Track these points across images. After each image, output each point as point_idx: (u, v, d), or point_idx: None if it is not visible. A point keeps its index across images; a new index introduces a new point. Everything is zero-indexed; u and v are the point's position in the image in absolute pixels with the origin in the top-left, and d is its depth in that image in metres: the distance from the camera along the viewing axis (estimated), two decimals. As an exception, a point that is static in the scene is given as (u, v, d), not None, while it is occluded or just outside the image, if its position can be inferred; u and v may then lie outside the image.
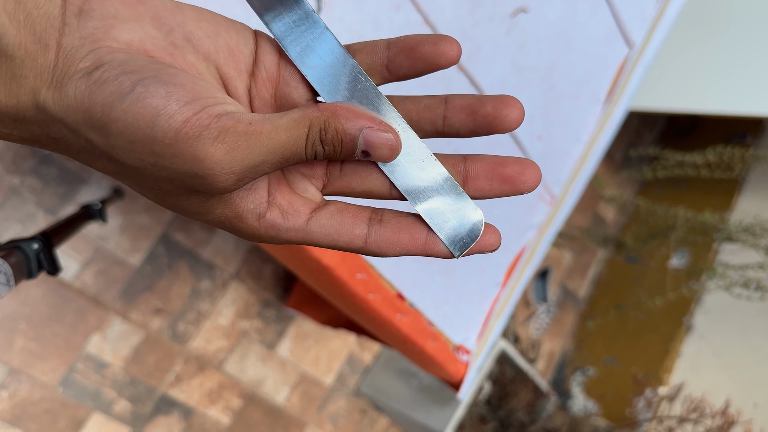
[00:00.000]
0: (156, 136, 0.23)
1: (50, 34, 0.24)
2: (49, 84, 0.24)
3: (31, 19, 0.23)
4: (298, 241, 0.30)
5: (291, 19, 0.28)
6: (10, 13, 0.23)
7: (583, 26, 0.89)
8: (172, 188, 0.26)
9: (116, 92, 0.23)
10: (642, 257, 2.33)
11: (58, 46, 0.24)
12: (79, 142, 0.25)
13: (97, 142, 0.24)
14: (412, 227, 0.30)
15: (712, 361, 1.98)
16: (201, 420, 1.68)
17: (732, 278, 1.71)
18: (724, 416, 1.50)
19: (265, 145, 0.25)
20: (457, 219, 0.30)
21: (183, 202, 0.28)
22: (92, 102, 0.23)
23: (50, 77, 0.24)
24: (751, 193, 2.18)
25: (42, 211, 1.44)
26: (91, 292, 1.51)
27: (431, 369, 0.84)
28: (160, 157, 0.24)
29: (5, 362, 1.43)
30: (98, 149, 0.25)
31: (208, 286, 1.67)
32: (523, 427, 1.67)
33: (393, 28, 0.65)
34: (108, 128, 0.24)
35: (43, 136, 0.26)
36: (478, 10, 0.73)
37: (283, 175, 0.31)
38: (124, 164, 0.25)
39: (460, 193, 0.30)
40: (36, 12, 0.23)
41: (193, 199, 0.27)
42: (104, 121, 0.23)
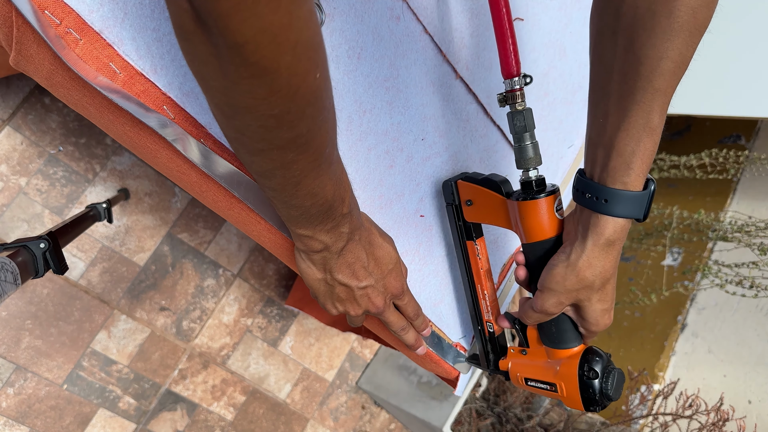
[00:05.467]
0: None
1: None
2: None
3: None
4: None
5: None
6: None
7: (577, 34, 0.91)
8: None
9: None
10: (637, 256, 2.35)
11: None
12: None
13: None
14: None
15: (706, 359, 2.00)
16: (205, 415, 1.71)
17: (726, 276, 1.74)
18: (718, 413, 1.52)
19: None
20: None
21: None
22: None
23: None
24: (744, 194, 2.20)
25: (48, 211, 1.46)
26: (96, 291, 1.53)
27: (428, 366, 0.86)
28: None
29: (12, 360, 1.45)
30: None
31: (212, 285, 1.70)
32: (520, 423, 1.69)
33: (393, 39, 0.68)
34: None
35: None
36: (475, 19, 0.76)
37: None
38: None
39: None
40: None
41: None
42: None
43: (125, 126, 0.54)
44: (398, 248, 0.76)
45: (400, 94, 0.70)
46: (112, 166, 1.52)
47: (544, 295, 0.63)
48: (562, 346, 0.66)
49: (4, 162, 1.41)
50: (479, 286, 0.77)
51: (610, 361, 0.64)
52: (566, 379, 0.64)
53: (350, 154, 0.68)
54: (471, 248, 0.75)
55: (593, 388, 0.61)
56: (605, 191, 0.55)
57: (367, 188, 0.71)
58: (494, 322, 0.77)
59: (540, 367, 0.69)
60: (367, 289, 0.62)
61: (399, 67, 0.69)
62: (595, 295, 0.61)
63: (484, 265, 0.76)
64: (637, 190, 0.54)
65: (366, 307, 0.64)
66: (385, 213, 0.74)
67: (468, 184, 0.71)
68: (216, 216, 1.67)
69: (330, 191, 0.49)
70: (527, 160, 0.65)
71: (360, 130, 0.68)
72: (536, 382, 0.69)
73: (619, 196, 0.54)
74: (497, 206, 0.68)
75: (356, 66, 0.65)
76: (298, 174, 0.44)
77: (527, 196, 0.62)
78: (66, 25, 0.47)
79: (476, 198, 0.70)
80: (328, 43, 0.62)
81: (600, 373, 0.61)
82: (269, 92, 0.35)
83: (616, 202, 0.54)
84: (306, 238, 0.55)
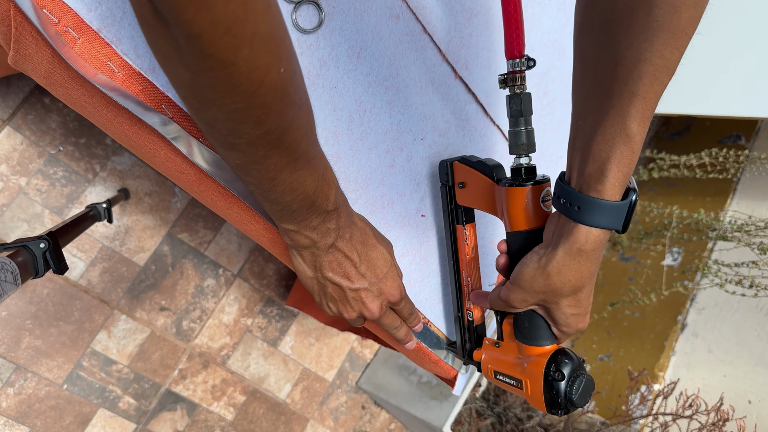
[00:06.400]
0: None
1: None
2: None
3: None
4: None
5: None
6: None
7: (577, 33, 0.91)
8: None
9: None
10: (637, 256, 2.35)
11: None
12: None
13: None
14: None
15: (706, 359, 2.00)
16: (205, 416, 1.71)
17: (726, 276, 1.74)
18: (718, 413, 1.52)
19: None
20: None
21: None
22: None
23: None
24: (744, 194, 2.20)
25: (48, 211, 1.46)
26: (96, 291, 1.54)
27: (427, 365, 0.86)
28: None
29: (12, 360, 1.45)
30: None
31: (212, 285, 1.70)
32: (520, 423, 1.69)
33: (393, 38, 0.68)
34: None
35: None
36: (474, 19, 0.76)
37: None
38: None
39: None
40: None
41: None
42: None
43: (124, 125, 0.54)
44: (400, 248, 0.76)
45: (400, 94, 0.70)
46: (112, 166, 1.52)
47: (512, 289, 0.62)
48: (534, 342, 0.65)
49: (4, 162, 1.41)
50: (464, 272, 0.76)
51: (582, 366, 0.62)
52: (532, 377, 0.63)
53: (351, 153, 0.68)
54: (460, 233, 0.74)
55: (557, 390, 0.60)
56: (579, 198, 0.53)
57: (369, 188, 0.71)
58: (473, 304, 0.77)
59: (510, 362, 0.68)
60: (360, 292, 0.61)
61: (398, 66, 0.69)
62: (564, 300, 0.60)
63: (470, 253, 0.75)
64: (613, 200, 0.51)
65: (360, 311, 0.63)
66: (387, 213, 0.74)
67: (462, 166, 0.70)
68: (216, 216, 1.67)
69: (311, 187, 0.48)
70: (519, 146, 0.63)
71: (360, 129, 0.68)
72: (504, 376, 0.68)
73: (592, 205, 0.52)
74: (487, 191, 0.67)
75: (356, 65, 0.65)
76: (272, 169, 0.44)
77: (515, 182, 0.61)
78: (64, 23, 0.47)
79: (469, 181, 0.70)
80: (327, 42, 0.62)
81: (567, 375, 0.60)
82: (230, 86, 0.35)
83: (590, 210, 0.52)
84: (291, 233, 0.55)
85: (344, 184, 0.69)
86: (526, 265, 0.59)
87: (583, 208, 0.52)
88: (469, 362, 0.78)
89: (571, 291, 0.58)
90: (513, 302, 0.62)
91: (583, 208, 0.52)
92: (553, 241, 0.57)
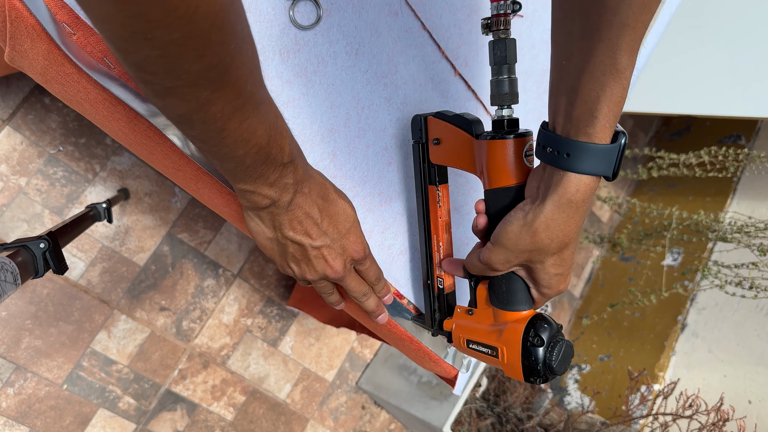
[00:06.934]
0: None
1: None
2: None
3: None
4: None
5: None
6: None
7: (576, 32, 0.91)
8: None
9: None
10: (637, 256, 2.35)
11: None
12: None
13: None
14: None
15: (707, 359, 2.00)
16: (205, 416, 1.71)
17: (726, 277, 1.74)
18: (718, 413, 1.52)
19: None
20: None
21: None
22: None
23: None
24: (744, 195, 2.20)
25: (48, 211, 1.46)
26: (96, 291, 1.54)
27: (427, 365, 0.86)
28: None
29: (12, 360, 1.45)
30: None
31: (212, 285, 1.70)
32: (520, 423, 1.69)
33: (392, 35, 0.68)
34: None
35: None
36: (474, 15, 0.76)
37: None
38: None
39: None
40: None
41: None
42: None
43: (121, 121, 0.55)
44: (399, 246, 0.76)
45: (399, 91, 0.70)
46: (112, 166, 1.52)
47: (494, 250, 0.58)
48: (511, 307, 0.61)
49: (4, 162, 1.41)
50: (435, 236, 0.72)
51: (560, 332, 0.59)
52: (509, 343, 0.60)
53: (348, 150, 0.68)
54: (432, 194, 0.70)
55: (536, 357, 0.57)
56: (568, 144, 0.49)
57: (367, 185, 0.71)
58: (443, 272, 0.73)
59: (484, 330, 0.64)
60: (322, 250, 0.58)
61: (397, 63, 0.69)
62: (549, 258, 0.56)
63: (443, 216, 0.70)
64: (604, 143, 0.49)
65: (323, 271, 0.59)
66: (385, 210, 0.74)
67: (438, 121, 0.65)
68: (216, 216, 1.67)
69: (263, 137, 0.45)
70: (502, 96, 0.60)
71: (358, 126, 0.68)
72: (478, 345, 0.64)
73: (583, 150, 0.49)
74: (465, 147, 0.63)
75: (354, 62, 0.65)
76: (219, 117, 0.40)
77: (496, 135, 0.58)
78: (60, 18, 0.47)
79: (445, 136, 0.65)
80: (325, 38, 0.62)
81: (546, 341, 0.57)
82: (163, 12, 0.32)
83: (580, 156, 0.49)
84: (249, 194, 0.51)
85: (341, 182, 0.68)
86: (510, 223, 0.56)
87: (572, 155, 0.49)
88: (438, 332, 0.74)
89: (557, 248, 0.55)
90: (495, 264, 0.59)
91: (573, 155, 0.49)
92: (540, 195, 0.54)
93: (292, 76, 0.61)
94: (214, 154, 0.45)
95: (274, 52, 0.59)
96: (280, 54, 0.59)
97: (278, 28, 0.59)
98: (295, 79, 0.61)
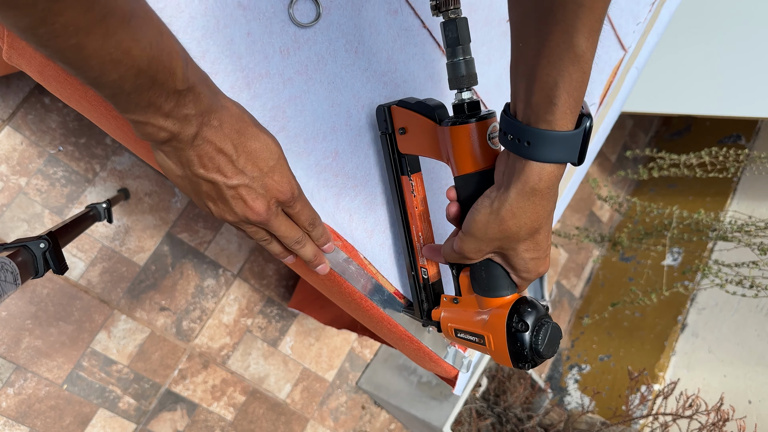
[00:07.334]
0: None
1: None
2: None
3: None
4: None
5: None
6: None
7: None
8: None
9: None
10: (637, 256, 2.35)
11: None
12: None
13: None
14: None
15: (707, 359, 2.00)
16: (205, 416, 1.70)
17: (726, 276, 1.74)
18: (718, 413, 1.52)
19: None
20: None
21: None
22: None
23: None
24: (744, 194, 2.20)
25: (48, 211, 1.46)
26: (96, 291, 1.53)
27: (428, 365, 0.86)
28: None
29: (12, 360, 1.45)
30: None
31: (212, 285, 1.70)
32: (520, 423, 1.69)
33: (391, 33, 0.68)
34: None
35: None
36: (473, 14, 0.76)
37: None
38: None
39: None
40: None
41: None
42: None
43: (119, 119, 0.55)
44: (396, 243, 0.76)
45: (398, 89, 0.70)
46: (112, 166, 1.52)
47: (464, 239, 0.57)
48: (493, 293, 0.60)
49: (4, 162, 1.41)
50: (413, 227, 0.70)
51: (547, 314, 0.57)
52: (494, 330, 0.58)
53: (350, 149, 0.68)
54: (405, 184, 0.68)
55: (522, 342, 0.55)
56: (528, 132, 0.47)
57: (369, 184, 0.71)
58: (426, 259, 0.71)
59: (470, 318, 0.63)
60: (239, 190, 0.52)
61: (397, 61, 0.69)
62: (521, 245, 0.55)
63: (419, 205, 0.68)
64: (565, 130, 0.46)
65: (243, 213, 0.54)
66: (390, 209, 0.74)
67: (401, 110, 0.63)
68: (216, 216, 1.67)
69: (141, 58, 0.38)
70: (459, 79, 0.57)
71: (359, 125, 0.68)
72: (465, 333, 0.63)
73: (543, 138, 0.46)
74: (430, 134, 0.60)
75: (354, 60, 0.65)
76: (72, 32, 0.34)
77: (458, 120, 0.56)
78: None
79: (410, 125, 0.63)
80: (324, 36, 0.62)
81: (531, 325, 0.55)
82: None
83: (541, 144, 0.47)
84: (141, 125, 0.44)
85: (343, 180, 0.68)
86: (478, 212, 0.55)
87: (533, 143, 0.47)
88: (428, 323, 0.73)
89: (528, 234, 0.54)
90: (467, 253, 0.58)
91: (534, 143, 0.47)
92: (505, 182, 0.52)
93: (293, 73, 0.61)
94: (85, 79, 0.38)
95: (274, 49, 0.59)
96: (280, 51, 0.59)
97: (278, 26, 0.59)
98: (296, 77, 0.61)
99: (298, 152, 0.64)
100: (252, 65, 0.58)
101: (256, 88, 0.59)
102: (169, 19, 0.52)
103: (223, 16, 0.55)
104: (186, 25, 0.53)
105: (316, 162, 0.65)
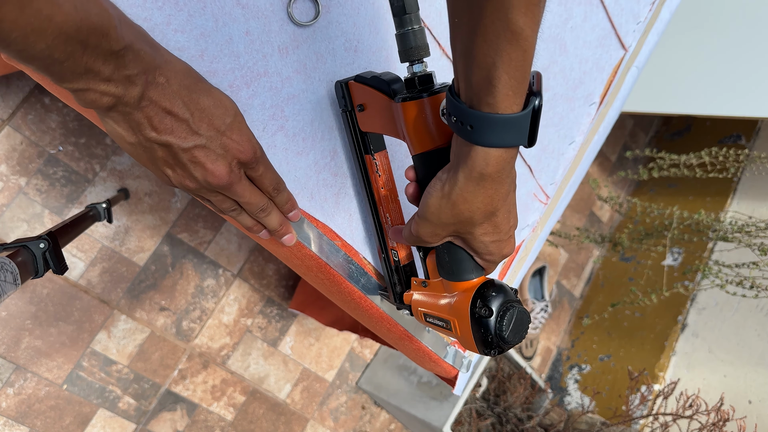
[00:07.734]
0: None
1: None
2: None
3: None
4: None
5: None
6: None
7: (578, 29, 0.91)
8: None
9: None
10: (637, 256, 2.35)
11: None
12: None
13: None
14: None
15: (707, 359, 2.00)
16: (205, 416, 1.70)
17: (726, 277, 1.73)
18: (718, 413, 1.51)
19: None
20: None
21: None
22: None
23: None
24: (744, 194, 2.20)
25: (48, 211, 1.46)
26: (96, 291, 1.53)
27: (428, 365, 0.86)
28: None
29: (12, 360, 1.45)
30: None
31: (212, 285, 1.70)
32: (520, 423, 1.69)
33: (390, 32, 0.68)
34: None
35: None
36: None
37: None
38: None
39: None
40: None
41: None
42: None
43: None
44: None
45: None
46: (111, 166, 1.52)
47: (420, 223, 0.54)
48: (458, 277, 0.57)
49: (4, 162, 1.41)
50: (381, 208, 0.67)
51: (514, 298, 0.54)
52: (459, 315, 0.55)
53: (349, 149, 0.68)
54: (369, 164, 0.64)
55: (486, 328, 0.52)
56: (470, 115, 0.43)
57: (366, 183, 0.71)
58: (396, 243, 0.68)
59: (437, 302, 0.60)
60: (195, 152, 0.48)
61: (397, 60, 0.69)
62: (477, 228, 0.52)
63: (384, 185, 0.65)
64: (509, 113, 0.43)
65: (204, 178, 0.49)
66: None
67: (359, 86, 0.60)
68: (216, 216, 1.67)
69: (65, 23, 0.35)
70: (409, 51, 0.54)
71: (357, 124, 0.68)
72: (433, 318, 0.60)
73: (486, 122, 0.43)
74: (386, 110, 0.56)
75: (353, 59, 0.65)
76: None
77: (409, 95, 0.52)
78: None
79: (367, 101, 0.60)
80: (324, 35, 0.62)
81: (496, 310, 0.52)
82: None
83: (484, 129, 0.43)
84: (82, 93, 0.41)
85: (342, 180, 0.68)
86: (430, 195, 0.52)
87: (476, 127, 0.44)
88: (401, 307, 0.71)
89: (483, 217, 0.51)
90: (424, 237, 0.55)
91: (477, 127, 0.44)
92: (454, 165, 0.49)
93: (291, 72, 0.61)
94: (13, 54, 0.36)
95: (272, 48, 0.59)
96: (278, 50, 0.59)
97: (276, 25, 0.59)
98: (295, 76, 0.61)
99: (297, 151, 0.63)
100: (250, 64, 0.58)
101: (254, 87, 0.59)
102: (168, 18, 0.52)
103: (222, 14, 0.55)
104: (184, 23, 0.53)
105: (315, 161, 0.65)
